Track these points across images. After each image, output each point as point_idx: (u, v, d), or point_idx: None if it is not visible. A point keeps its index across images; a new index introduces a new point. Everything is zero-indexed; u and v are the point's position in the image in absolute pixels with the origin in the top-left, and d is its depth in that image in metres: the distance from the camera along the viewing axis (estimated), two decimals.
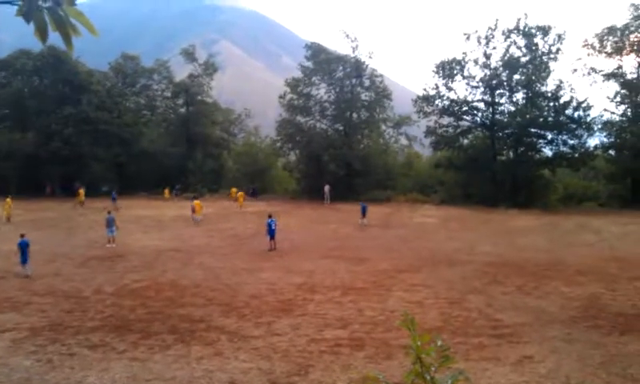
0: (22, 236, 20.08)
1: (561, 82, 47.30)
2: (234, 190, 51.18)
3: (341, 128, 56.80)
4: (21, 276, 19.13)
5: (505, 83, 49.21)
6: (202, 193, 53.55)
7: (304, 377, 9.65)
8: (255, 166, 58.94)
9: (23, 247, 19.55)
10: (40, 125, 58.45)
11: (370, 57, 55.54)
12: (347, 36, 55.31)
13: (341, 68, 55.82)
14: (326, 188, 49.57)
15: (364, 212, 35.39)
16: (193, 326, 12.92)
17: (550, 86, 48.04)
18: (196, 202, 36.16)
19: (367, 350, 11.15)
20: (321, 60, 55.47)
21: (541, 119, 46.30)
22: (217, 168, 64.91)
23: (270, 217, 25.96)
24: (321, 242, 27.76)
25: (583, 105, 46.50)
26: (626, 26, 46.88)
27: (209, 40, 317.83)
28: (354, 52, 55.12)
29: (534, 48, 48.00)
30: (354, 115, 56.53)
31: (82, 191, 46.92)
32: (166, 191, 54.24)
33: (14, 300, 15.65)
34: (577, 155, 47.28)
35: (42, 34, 2.64)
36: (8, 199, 37.04)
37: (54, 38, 2.77)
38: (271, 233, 25.21)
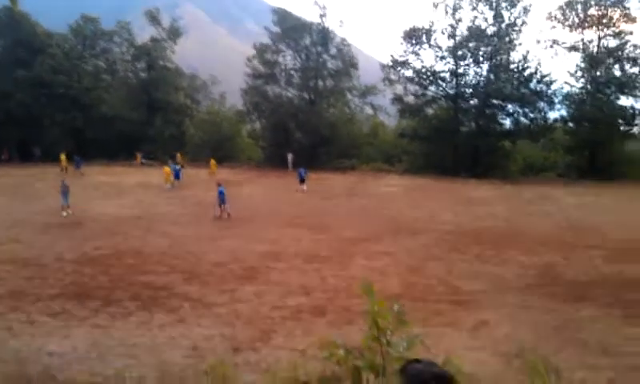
0: None
1: (527, 53, 47.98)
2: (213, 161, 47.97)
3: (307, 96, 56.45)
4: None
5: (470, 54, 49.58)
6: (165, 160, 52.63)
7: (266, 342, 9.78)
8: (219, 134, 58.06)
9: None
10: None
11: (340, 26, 55.10)
12: (315, 2, 54.70)
13: (307, 35, 55.23)
14: (289, 156, 49.43)
15: (302, 178, 35.59)
16: (155, 293, 12.89)
17: (514, 57, 48.71)
18: (165, 168, 35.61)
19: (329, 316, 11.35)
20: (287, 27, 54.74)
21: (504, 90, 46.96)
22: (178, 135, 63.76)
23: (219, 185, 26.01)
24: (285, 210, 27.81)
25: (546, 78, 47.32)
26: (587, 0, 47.62)
27: (171, 2, 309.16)
28: (321, 19, 54.60)
29: (499, 19, 48.42)
30: (320, 83, 56.18)
31: (63, 156, 45.19)
32: (138, 157, 53.25)
33: None
34: (537, 127, 48.25)
35: None
36: None
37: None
38: (222, 200, 25.22)
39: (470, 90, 50.07)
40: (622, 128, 47.84)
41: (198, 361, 8.71)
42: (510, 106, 49.22)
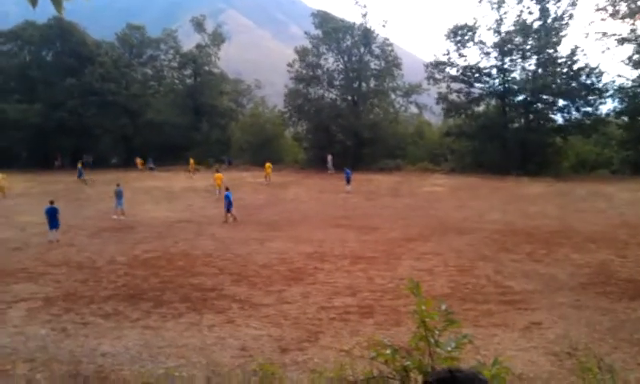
0: (51, 203, 21.25)
1: (576, 47, 46.55)
2: (192, 161, 49.85)
3: (349, 98, 56.36)
4: (52, 241, 20.28)
5: (517, 49, 48.50)
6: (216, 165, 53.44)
7: (314, 343, 9.78)
8: (263, 136, 58.60)
9: (51, 213, 20.57)
10: (46, 96, 58.41)
11: (383, 25, 54.85)
12: (357, 2, 54.62)
13: (349, 36, 55.17)
14: (329, 157, 49.34)
15: (348, 179, 35.54)
16: (204, 294, 13.09)
17: (562, 51, 47.38)
18: (217, 174, 35.23)
19: (376, 317, 11.26)
20: (329, 29, 54.81)
21: (553, 86, 45.74)
22: (224, 139, 64.77)
23: (227, 189, 26.12)
24: (330, 212, 27.84)
25: (596, 71, 45.84)
26: None
27: (216, 9, 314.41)
28: (363, 19, 54.46)
29: (546, 13, 47.20)
30: (363, 84, 56.06)
31: (80, 165, 46.39)
32: (138, 162, 54.19)
33: (30, 270, 15.91)
34: (589, 122, 46.77)
35: None
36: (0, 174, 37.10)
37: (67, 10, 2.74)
38: (228, 205, 25.25)
39: (518, 85, 48.94)
40: None
41: (247, 361, 8.79)
42: (560, 101, 47.89)
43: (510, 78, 50.01)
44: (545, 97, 47.09)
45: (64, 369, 8.49)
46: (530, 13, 47.74)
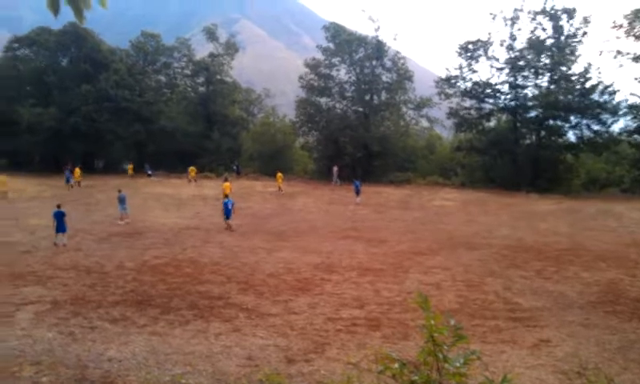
0: (59, 207, 21.58)
1: (589, 64, 46.40)
2: (192, 169, 50.24)
3: (360, 109, 56.42)
4: (59, 244, 20.49)
5: (530, 66, 48.43)
6: (220, 172, 53.66)
7: (320, 354, 9.74)
8: (273, 146, 58.75)
9: (58, 217, 20.84)
10: (61, 101, 58.97)
11: (395, 39, 54.94)
12: (370, 17, 54.89)
13: (362, 49, 55.33)
14: (335, 169, 49.21)
15: (358, 191, 35.52)
16: (212, 302, 13.09)
17: (575, 69, 47.25)
18: (225, 183, 34.97)
19: (383, 329, 11.21)
20: (341, 41, 55.02)
21: (566, 103, 45.60)
22: (235, 147, 65.03)
23: (226, 197, 26.15)
24: (339, 223, 27.82)
25: (609, 89, 45.65)
26: None
27: (230, 19, 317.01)
28: (375, 32, 54.63)
29: (559, 30, 47.16)
30: (375, 97, 56.16)
31: (78, 170, 46.37)
32: (130, 168, 54.25)
33: (38, 274, 15.98)
34: (601, 140, 46.54)
35: (55, 6, 2.65)
36: (2, 177, 37.34)
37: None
38: (227, 213, 25.31)
39: (530, 102, 48.82)
40: None
41: (253, 370, 8.77)
42: (572, 118, 47.71)
43: (521, 94, 49.93)
44: (557, 113, 46.91)
45: (70, 373, 8.50)
46: (544, 29, 47.75)
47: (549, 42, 47.49)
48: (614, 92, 45.79)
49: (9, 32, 74.79)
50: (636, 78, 46.47)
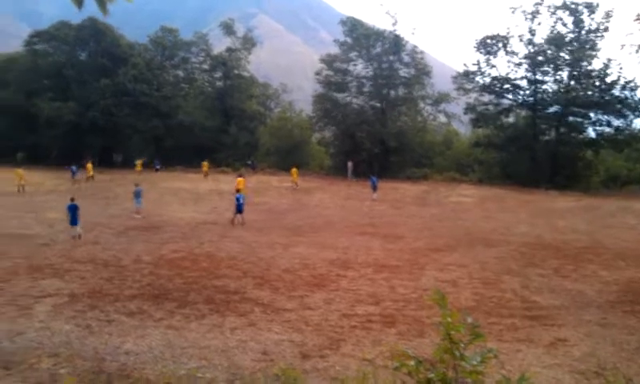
0: (72, 200, 21.89)
1: (609, 60, 45.74)
2: (205, 163, 50.29)
3: (378, 105, 56.20)
4: (74, 236, 20.70)
5: (549, 61, 47.85)
6: (238, 167, 53.80)
7: (335, 350, 9.73)
8: (290, 141, 58.76)
9: (72, 210, 21.09)
10: (80, 95, 59.53)
11: (413, 33, 54.63)
12: (387, 12, 54.66)
13: (379, 43, 55.06)
14: (349, 164, 49.05)
15: (374, 187, 35.34)
16: (228, 297, 13.14)
17: (596, 64, 46.61)
18: (239, 178, 34.78)
19: (399, 326, 11.16)
20: (358, 35, 54.80)
21: (586, 98, 45.00)
22: (252, 142, 65.18)
23: (238, 192, 26.22)
24: (355, 219, 27.78)
25: (631, 84, 45.00)
26: None
27: (247, 14, 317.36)
28: (393, 27, 54.34)
29: (580, 25, 46.51)
30: (392, 92, 55.90)
31: (90, 165, 46.03)
32: (138, 164, 53.37)
33: (56, 266, 16.16)
34: (622, 136, 45.89)
35: None
36: (19, 170, 37.84)
37: (94, 10, 2.80)
38: (239, 208, 25.35)
39: (550, 97, 48.26)
40: None
41: (268, 365, 8.79)
42: (592, 114, 47.09)
43: (541, 90, 49.38)
44: (577, 109, 46.34)
45: (87, 365, 8.59)
46: (564, 24, 47.13)
47: (569, 36, 46.90)
48: (636, 87, 45.17)
49: (29, 26, 75.68)
50: None
